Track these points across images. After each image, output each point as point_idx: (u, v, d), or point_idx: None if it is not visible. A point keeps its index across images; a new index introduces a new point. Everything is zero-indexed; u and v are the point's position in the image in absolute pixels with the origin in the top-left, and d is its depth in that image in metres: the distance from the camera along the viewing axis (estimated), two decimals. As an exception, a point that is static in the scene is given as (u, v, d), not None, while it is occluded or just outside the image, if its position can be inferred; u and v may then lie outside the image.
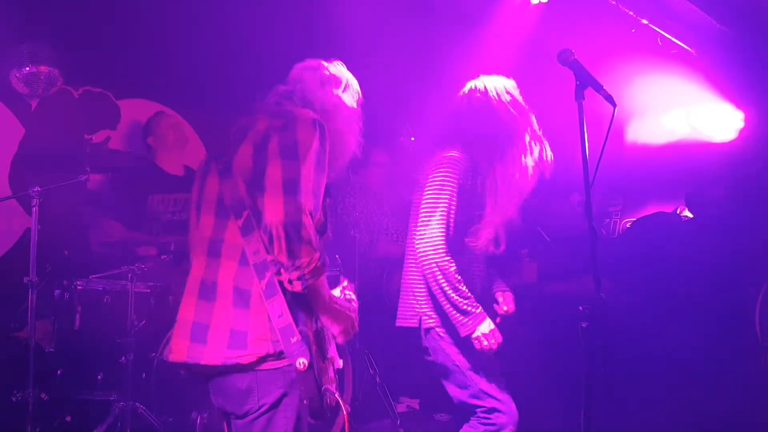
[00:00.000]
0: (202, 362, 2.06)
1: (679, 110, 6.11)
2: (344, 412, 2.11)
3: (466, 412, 2.97)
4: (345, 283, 2.91)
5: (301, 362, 1.97)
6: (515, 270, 5.57)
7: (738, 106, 5.88)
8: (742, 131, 5.89)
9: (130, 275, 3.92)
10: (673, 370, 4.48)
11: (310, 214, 2.01)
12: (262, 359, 2.03)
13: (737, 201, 5.01)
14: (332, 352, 2.29)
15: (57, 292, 3.94)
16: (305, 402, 2.05)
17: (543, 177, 3.02)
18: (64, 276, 3.98)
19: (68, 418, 3.83)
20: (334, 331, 2.22)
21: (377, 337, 4.88)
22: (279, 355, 2.04)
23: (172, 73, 5.06)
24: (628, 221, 6.13)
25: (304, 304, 2.09)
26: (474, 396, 2.90)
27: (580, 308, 2.49)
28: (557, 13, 5.13)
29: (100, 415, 3.76)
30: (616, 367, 4.57)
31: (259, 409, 2.05)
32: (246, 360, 2.03)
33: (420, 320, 2.94)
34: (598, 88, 2.50)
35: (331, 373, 2.20)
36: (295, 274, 1.98)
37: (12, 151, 4.67)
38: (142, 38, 4.87)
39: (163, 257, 4.21)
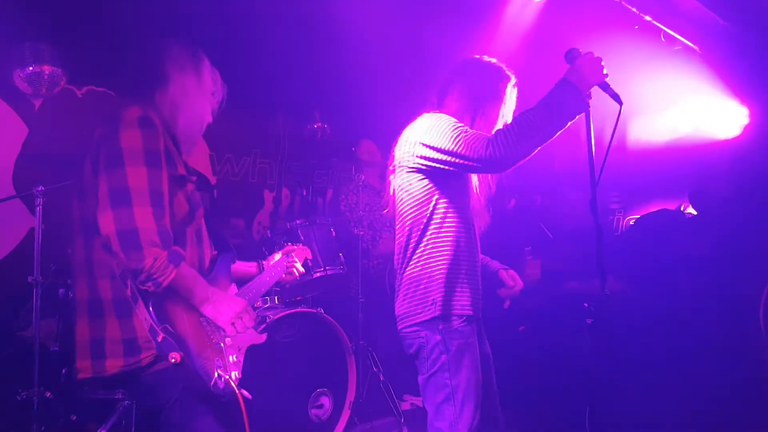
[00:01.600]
0: (107, 374, 2.20)
1: (682, 107, 6.10)
2: (239, 396, 2.21)
3: None
4: (289, 248, 3.01)
5: (173, 357, 2.07)
6: (519, 267, 5.57)
7: (742, 102, 5.87)
8: (746, 128, 5.88)
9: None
10: (678, 366, 4.48)
11: (153, 215, 2.09)
12: (158, 357, 2.15)
13: (741, 198, 5.00)
14: (235, 338, 2.36)
15: (61, 291, 3.95)
16: (190, 391, 2.18)
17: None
18: (68, 275, 3.98)
19: (73, 417, 3.83)
20: (218, 322, 2.29)
21: (380, 335, 4.89)
22: None
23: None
24: (631, 218, 6.13)
25: (177, 299, 2.18)
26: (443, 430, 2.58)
27: (585, 305, 2.49)
28: (560, 10, 5.12)
29: (105, 414, 3.76)
30: (620, 363, 4.60)
31: (169, 400, 2.19)
32: (144, 362, 2.16)
33: (441, 306, 2.58)
34: (605, 86, 2.51)
35: (227, 359, 2.27)
36: (142, 277, 2.07)
37: (15, 151, 4.68)
38: (146, 38, 4.86)
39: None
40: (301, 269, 3.22)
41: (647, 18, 5.28)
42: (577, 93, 2.45)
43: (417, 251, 2.66)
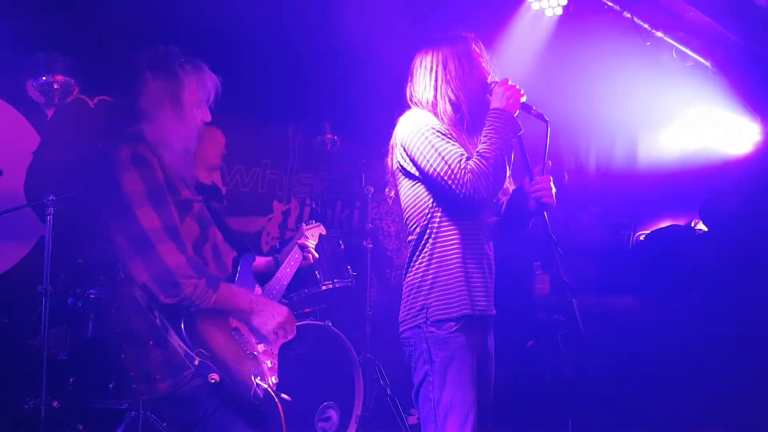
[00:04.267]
0: (162, 393, 2.24)
1: (693, 123, 6.08)
2: (278, 403, 2.26)
3: None
4: (304, 227, 3.14)
5: (213, 378, 2.13)
6: (528, 282, 5.55)
7: (754, 118, 5.85)
8: (758, 144, 5.86)
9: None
10: (689, 381, 4.46)
11: (178, 250, 2.14)
12: (195, 376, 2.20)
13: (752, 214, 4.98)
14: (268, 344, 2.42)
15: (70, 300, 3.95)
16: (228, 404, 2.22)
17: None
18: (77, 284, 3.99)
19: (80, 427, 3.83)
20: (262, 332, 2.37)
21: (388, 349, 4.87)
22: None
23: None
24: (641, 234, 6.10)
25: (206, 317, 2.23)
26: None
27: (555, 317, 2.48)
28: (572, 25, 5.12)
29: (112, 424, 3.76)
30: (631, 377, 4.58)
31: (208, 409, 2.22)
32: (187, 378, 2.20)
33: (427, 313, 2.49)
34: (527, 108, 2.59)
35: (263, 367, 2.33)
36: (185, 305, 2.14)
37: (27, 160, 4.70)
38: (122, 60, 4.89)
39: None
40: (315, 254, 3.20)
41: (659, 34, 5.28)
42: (510, 115, 2.52)
43: (414, 257, 2.58)
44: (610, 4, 4.98)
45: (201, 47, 4.84)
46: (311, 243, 3.22)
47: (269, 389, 2.25)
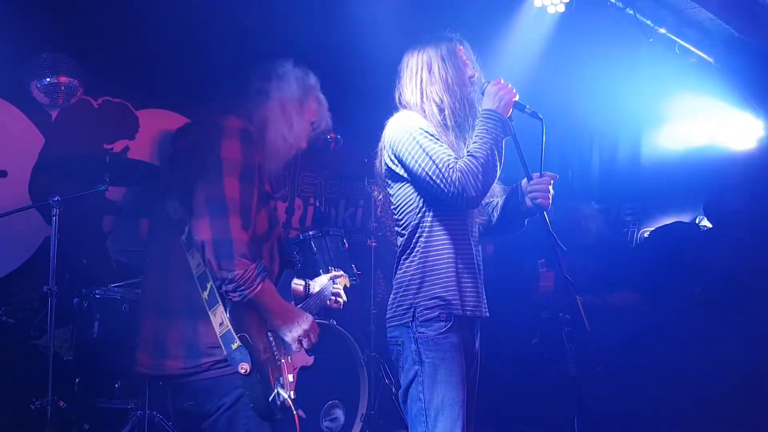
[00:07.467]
0: (166, 372, 2.24)
1: (697, 119, 6.07)
2: (295, 415, 2.26)
3: None
4: (335, 273, 3.06)
5: (243, 368, 2.12)
6: (533, 279, 5.55)
7: (758, 114, 5.83)
8: (761, 140, 5.84)
9: (148, 284, 3.93)
10: (692, 378, 4.46)
11: (242, 227, 2.15)
12: (217, 364, 2.18)
13: (756, 210, 4.97)
14: (296, 354, 2.44)
15: (76, 300, 3.97)
16: (251, 405, 2.19)
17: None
18: (82, 284, 4.01)
19: (86, 427, 3.84)
20: (286, 338, 2.34)
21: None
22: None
23: (191, 83, 5.09)
24: (646, 231, 6.10)
25: (252, 309, 2.23)
26: None
27: (560, 314, 2.48)
28: (574, 22, 5.11)
29: (118, 424, 3.77)
30: (634, 373, 4.58)
31: (219, 409, 2.20)
32: (203, 367, 2.19)
33: (414, 313, 2.49)
34: (520, 107, 2.59)
35: (287, 375, 2.33)
36: (231, 286, 2.13)
37: (32, 161, 4.71)
38: (162, 49, 4.91)
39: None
40: (345, 298, 3.23)
41: (662, 30, 5.27)
42: (502, 117, 2.52)
43: (404, 256, 2.61)
44: (613, 0, 4.97)
45: (203, 52, 4.87)
46: (343, 294, 3.24)
47: (288, 400, 2.25)
